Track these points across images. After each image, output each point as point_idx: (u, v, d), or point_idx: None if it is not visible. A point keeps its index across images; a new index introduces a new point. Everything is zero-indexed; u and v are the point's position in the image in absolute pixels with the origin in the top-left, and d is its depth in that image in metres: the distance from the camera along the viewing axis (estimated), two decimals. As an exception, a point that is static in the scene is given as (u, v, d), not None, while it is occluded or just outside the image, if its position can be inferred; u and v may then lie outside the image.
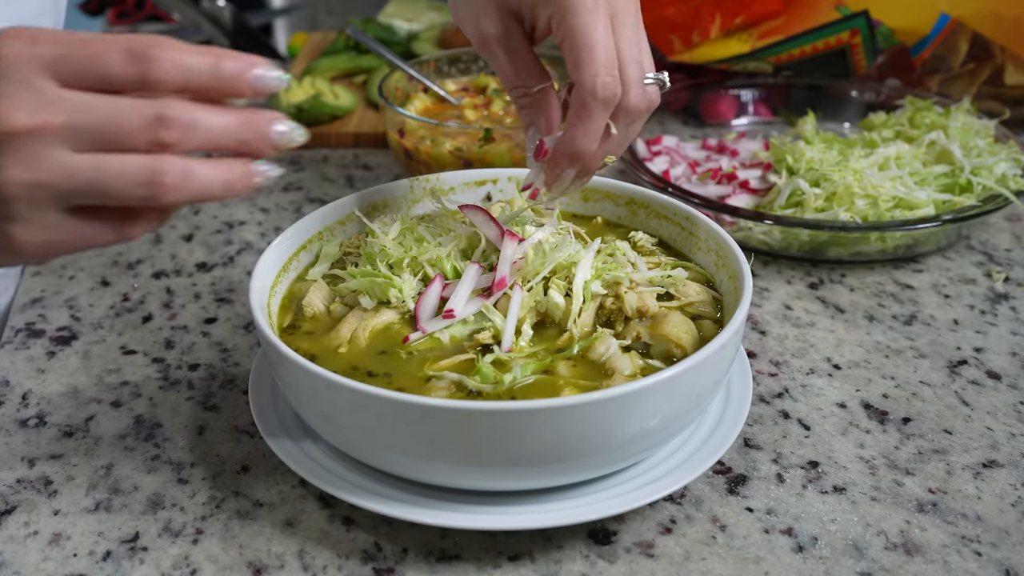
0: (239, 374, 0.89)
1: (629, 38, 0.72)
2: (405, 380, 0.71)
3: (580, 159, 0.72)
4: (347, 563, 0.70)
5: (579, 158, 0.72)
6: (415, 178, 0.91)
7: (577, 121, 0.71)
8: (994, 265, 1.06)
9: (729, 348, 0.70)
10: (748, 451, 0.80)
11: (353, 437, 0.69)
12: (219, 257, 1.08)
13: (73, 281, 1.04)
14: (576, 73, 0.70)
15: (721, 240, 0.80)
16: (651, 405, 0.65)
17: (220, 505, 0.74)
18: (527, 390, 0.69)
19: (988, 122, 1.17)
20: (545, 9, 0.71)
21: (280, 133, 0.62)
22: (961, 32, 1.32)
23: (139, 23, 1.82)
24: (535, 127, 0.75)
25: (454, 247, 0.80)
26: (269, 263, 0.79)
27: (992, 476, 0.77)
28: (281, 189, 1.23)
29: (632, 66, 0.72)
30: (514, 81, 0.75)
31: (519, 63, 0.74)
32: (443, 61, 1.25)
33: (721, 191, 1.12)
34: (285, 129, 0.62)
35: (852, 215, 1.02)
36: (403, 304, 0.77)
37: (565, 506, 0.69)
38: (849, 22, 1.28)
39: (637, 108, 0.72)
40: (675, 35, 1.37)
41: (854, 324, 0.96)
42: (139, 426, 0.83)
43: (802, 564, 0.69)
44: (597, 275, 0.77)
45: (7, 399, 0.86)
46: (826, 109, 1.31)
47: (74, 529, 0.72)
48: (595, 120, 0.71)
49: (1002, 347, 0.92)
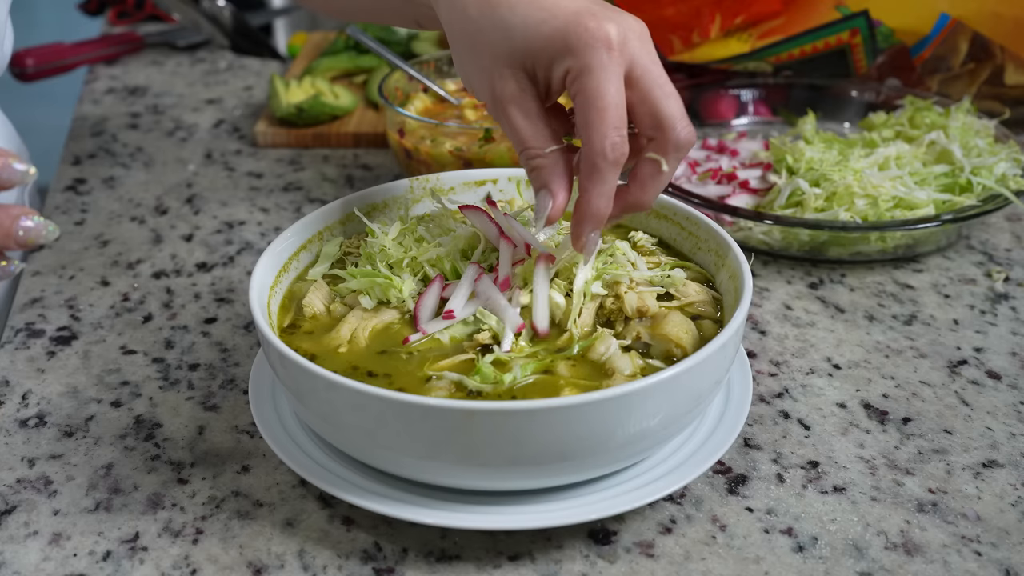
0: (239, 374, 0.89)
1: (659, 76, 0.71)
2: (405, 380, 0.71)
3: (599, 221, 0.72)
4: (347, 563, 0.70)
5: (599, 220, 0.72)
6: (415, 178, 0.91)
7: (589, 184, 0.70)
8: (994, 265, 1.06)
9: (729, 348, 0.70)
10: (748, 451, 0.80)
11: (353, 437, 0.69)
12: (219, 257, 1.08)
13: (73, 281, 1.04)
14: (586, 134, 0.69)
15: (721, 240, 0.80)
16: (651, 405, 0.65)
17: (220, 505, 0.74)
18: (527, 390, 0.69)
19: (988, 122, 1.17)
20: (560, 65, 0.70)
21: (27, 229, 0.62)
22: (961, 32, 1.32)
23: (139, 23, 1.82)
24: (546, 190, 0.73)
25: (454, 247, 0.80)
26: (269, 263, 0.79)
27: (992, 476, 0.77)
28: (281, 189, 1.23)
29: (672, 101, 0.71)
30: (527, 143, 0.73)
31: (534, 125, 0.73)
32: (443, 61, 1.25)
33: (721, 191, 1.12)
34: (31, 225, 0.61)
35: (852, 215, 1.02)
36: (403, 304, 0.77)
37: (565, 506, 0.69)
38: (849, 22, 1.28)
39: (688, 141, 0.71)
40: (675, 35, 1.37)
41: (854, 324, 0.96)
42: (139, 426, 0.83)
43: (802, 564, 0.69)
44: (597, 275, 0.77)
45: (7, 399, 0.86)
46: (826, 109, 1.31)
47: (74, 529, 0.72)
48: (607, 181, 0.70)
49: (1002, 347, 0.92)
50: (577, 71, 0.69)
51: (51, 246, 1.10)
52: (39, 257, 1.08)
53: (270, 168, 1.28)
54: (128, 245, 1.11)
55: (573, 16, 0.69)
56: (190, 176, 1.27)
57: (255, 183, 1.25)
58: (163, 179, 1.26)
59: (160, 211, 1.18)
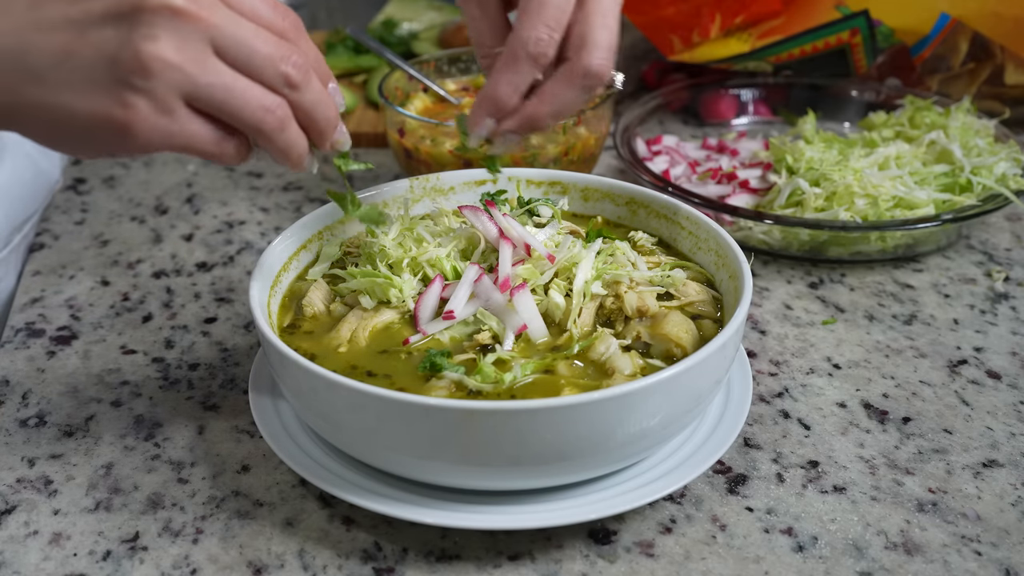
0: (239, 374, 0.89)
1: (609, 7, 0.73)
2: (405, 380, 0.71)
3: (499, 108, 0.74)
4: (347, 563, 0.70)
5: (498, 106, 0.74)
6: (415, 178, 0.91)
7: (502, 68, 0.73)
8: (994, 265, 1.06)
9: (729, 348, 0.70)
10: (748, 451, 0.80)
11: (353, 437, 0.69)
12: (219, 257, 1.08)
13: (73, 281, 1.04)
14: (519, 22, 0.72)
15: (721, 240, 0.80)
16: (651, 405, 0.65)
17: (220, 505, 0.74)
18: (527, 390, 0.69)
19: (988, 122, 1.17)
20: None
21: (342, 133, 0.71)
22: (961, 32, 1.32)
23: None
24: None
25: (454, 247, 0.80)
26: (269, 263, 0.79)
27: (992, 476, 0.77)
28: (281, 189, 1.23)
29: (602, 32, 0.73)
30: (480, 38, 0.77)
31: (489, 21, 0.76)
32: (443, 61, 1.25)
33: (721, 191, 1.12)
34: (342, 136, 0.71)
35: (852, 215, 1.02)
36: (403, 304, 0.77)
37: (565, 506, 0.69)
38: (849, 22, 1.28)
39: (598, 71, 0.73)
40: (675, 35, 1.37)
41: (854, 324, 0.96)
42: (139, 426, 0.83)
43: (802, 564, 0.69)
44: (598, 275, 0.77)
45: (7, 399, 0.86)
46: (826, 109, 1.31)
47: (74, 529, 0.72)
48: (520, 72, 0.72)
49: (1002, 347, 0.92)
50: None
51: (50, 248, 1.10)
52: (39, 257, 1.08)
53: (270, 168, 1.28)
54: (128, 245, 1.11)
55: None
56: (190, 176, 1.27)
57: (255, 183, 1.25)
58: (163, 179, 1.26)
59: (160, 211, 1.18)
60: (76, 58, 0.60)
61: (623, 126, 1.21)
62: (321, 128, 0.69)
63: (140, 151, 0.63)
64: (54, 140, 0.65)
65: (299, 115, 0.67)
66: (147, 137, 0.61)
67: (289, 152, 0.67)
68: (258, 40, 0.63)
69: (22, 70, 0.61)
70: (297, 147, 0.67)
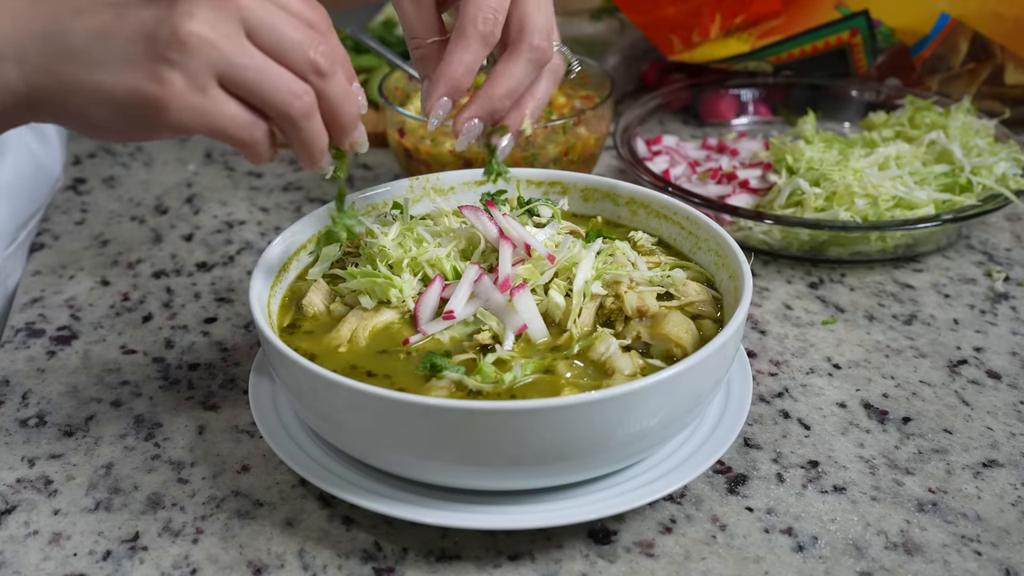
0: (239, 374, 0.89)
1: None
2: (405, 380, 0.71)
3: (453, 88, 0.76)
4: (347, 563, 0.70)
5: (452, 86, 0.75)
6: (415, 178, 0.91)
7: (454, 48, 0.75)
8: (994, 265, 1.06)
9: (729, 348, 0.70)
10: (748, 451, 0.80)
11: (353, 437, 0.69)
12: (219, 257, 1.08)
13: (73, 281, 1.04)
14: (463, 6, 0.74)
15: (721, 240, 0.80)
16: (651, 405, 0.65)
17: (220, 505, 0.74)
18: (527, 389, 0.69)
19: (988, 122, 1.17)
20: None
21: (360, 133, 0.72)
22: (961, 32, 1.32)
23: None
24: (429, 79, 0.78)
25: (454, 247, 0.80)
26: (269, 263, 0.79)
27: (992, 476, 0.77)
28: (281, 189, 1.23)
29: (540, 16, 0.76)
30: (412, 32, 0.79)
31: (422, 14, 0.78)
32: (443, 61, 1.25)
33: (721, 191, 1.12)
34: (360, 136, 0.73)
35: (852, 215, 1.02)
36: (403, 304, 0.77)
37: (565, 506, 0.69)
38: (849, 22, 1.28)
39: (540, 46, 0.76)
40: (675, 35, 1.37)
41: (854, 324, 0.96)
42: (139, 426, 0.83)
43: (802, 564, 0.69)
44: (598, 275, 0.77)
45: (7, 399, 0.86)
46: (826, 109, 1.31)
47: (74, 529, 0.72)
48: (470, 50, 0.74)
49: (1002, 347, 0.92)
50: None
51: (50, 248, 1.10)
52: (39, 257, 1.08)
53: (270, 168, 1.28)
54: (128, 245, 1.11)
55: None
56: (190, 176, 1.27)
57: (255, 183, 1.25)
58: (163, 179, 1.26)
59: (160, 211, 1.18)
60: (114, 37, 0.62)
61: (623, 126, 1.21)
62: (343, 123, 0.70)
63: (172, 130, 0.64)
64: (88, 123, 0.66)
65: (323, 106, 0.68)
66: (180, 114, 0.63)
67: (312, 145, 0.68)
68: (289, 26, 0.65)
69: (61, 51, 0.63)
70: (319, 140, 0.68)
